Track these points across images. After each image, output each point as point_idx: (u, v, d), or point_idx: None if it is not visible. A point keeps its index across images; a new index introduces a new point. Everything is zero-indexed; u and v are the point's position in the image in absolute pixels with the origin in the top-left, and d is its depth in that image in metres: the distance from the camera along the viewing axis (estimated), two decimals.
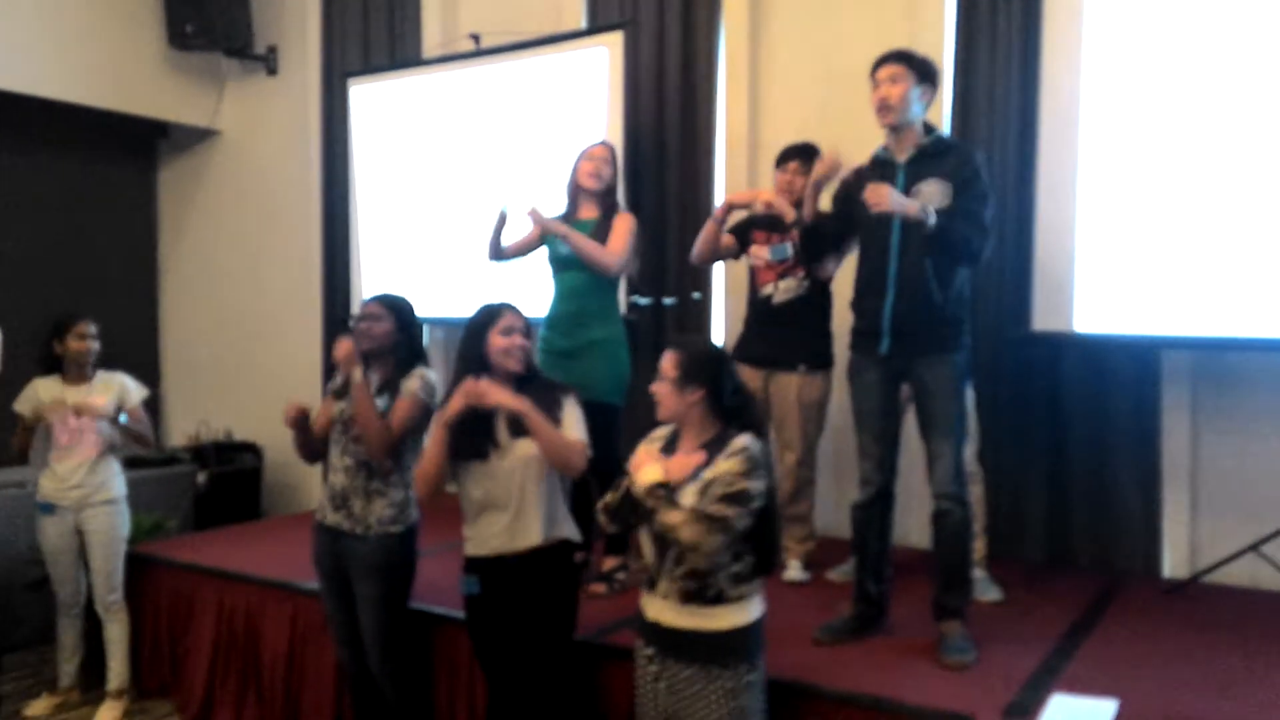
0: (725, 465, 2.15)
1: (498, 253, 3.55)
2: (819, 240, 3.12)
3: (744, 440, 2.19)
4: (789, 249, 3.41)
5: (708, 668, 2.17)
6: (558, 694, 2.57)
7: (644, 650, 2.29)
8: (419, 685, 3.05)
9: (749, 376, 3.37)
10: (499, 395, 2.46)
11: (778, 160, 3.54)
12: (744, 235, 3.54)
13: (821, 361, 3.47)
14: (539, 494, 2.52)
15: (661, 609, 2.22)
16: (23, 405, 3.61)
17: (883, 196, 2.63)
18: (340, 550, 2.87)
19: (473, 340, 2.60)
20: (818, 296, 3.47)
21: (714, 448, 2.21)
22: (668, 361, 2.26)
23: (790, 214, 3.24)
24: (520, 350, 2.56)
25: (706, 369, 2.25)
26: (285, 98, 5.72)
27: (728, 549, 2.15)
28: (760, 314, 3.51)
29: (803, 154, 3.49)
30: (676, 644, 2.20)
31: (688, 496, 2.15)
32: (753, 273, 3.55)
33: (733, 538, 2.13)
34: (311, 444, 2.97)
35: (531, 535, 2.52)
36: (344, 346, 2.84)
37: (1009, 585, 3.35)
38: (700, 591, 2.16)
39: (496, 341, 2.56)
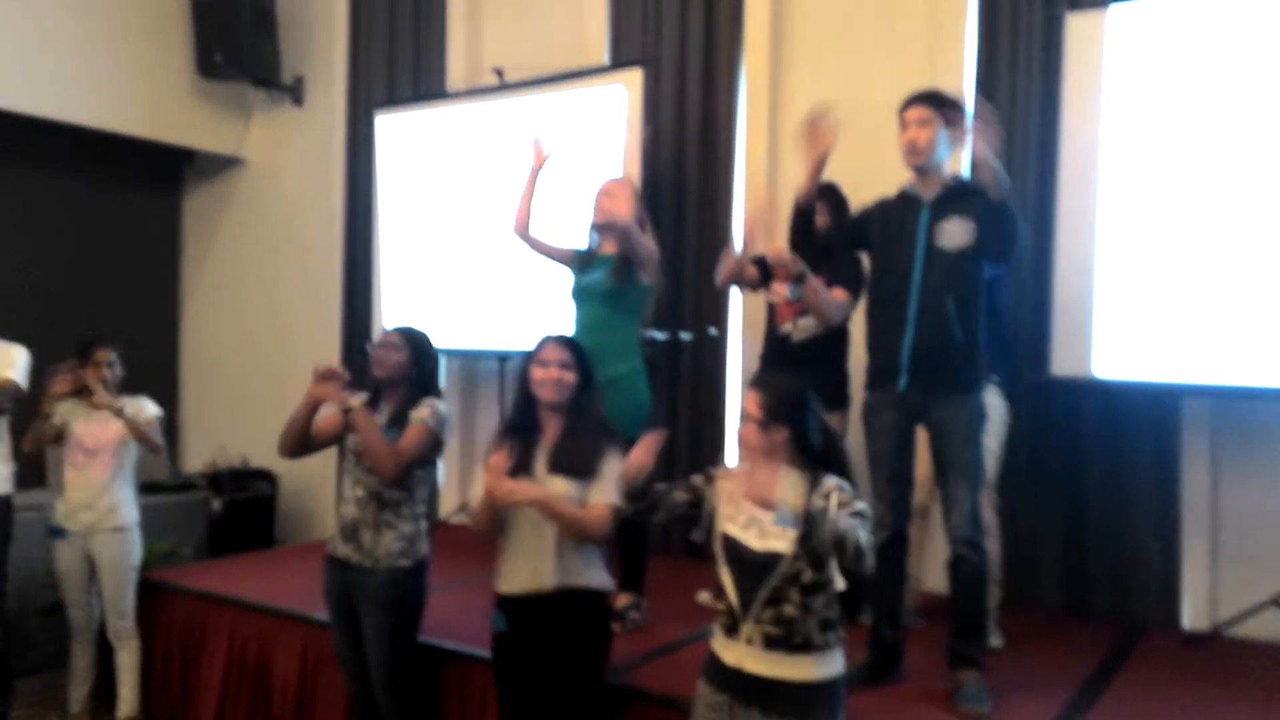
0: (823, 503, 2.05)
1: (524, 227, 3.60)
2: (806, 233, 3.04)
3: (833, 481, 2.10)
4: None
5: (784, 719, 2.06)
6: None
7: (711, 697, 2.17)
8: None
9: None
10: (510, 491, 2.40)
11: None
12: (765, 269, 3.55)
13: (838, 401, 3.45)
14: (558, 539, 2.48)
15: (743, 655, 2.11)
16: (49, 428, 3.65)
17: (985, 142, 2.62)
18: (349, 583, 2.87)
19: (522, 370, 2.61)
20: (835, 335, 3.46)
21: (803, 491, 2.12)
22: (750, 401, 2.18)
23: (795, 267, 3.23)
24: (554, 383, 2.53)
25: (792, 409, 2.17)
26: (310, 128, 5.80)
27: (823, 591, 2.09)
28: (778, 352, 3.50)
29: (823, 194, 3.50)
30: (757, 692, 2.08)
31: (775, 540, 2.09)
32: (771, 310, 3.55)
33: (871, 541, 2.02)
34: (304, 431, 2.95)
35: (546, 578, 2.49)
36: (328, 390, 2.85)
37: (1025, 632, 3.31)
38: (786, 638, 2.07)
39: (535, 372, 2.55)
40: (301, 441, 2.98)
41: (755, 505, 2.14)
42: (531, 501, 2.42)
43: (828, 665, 2.10)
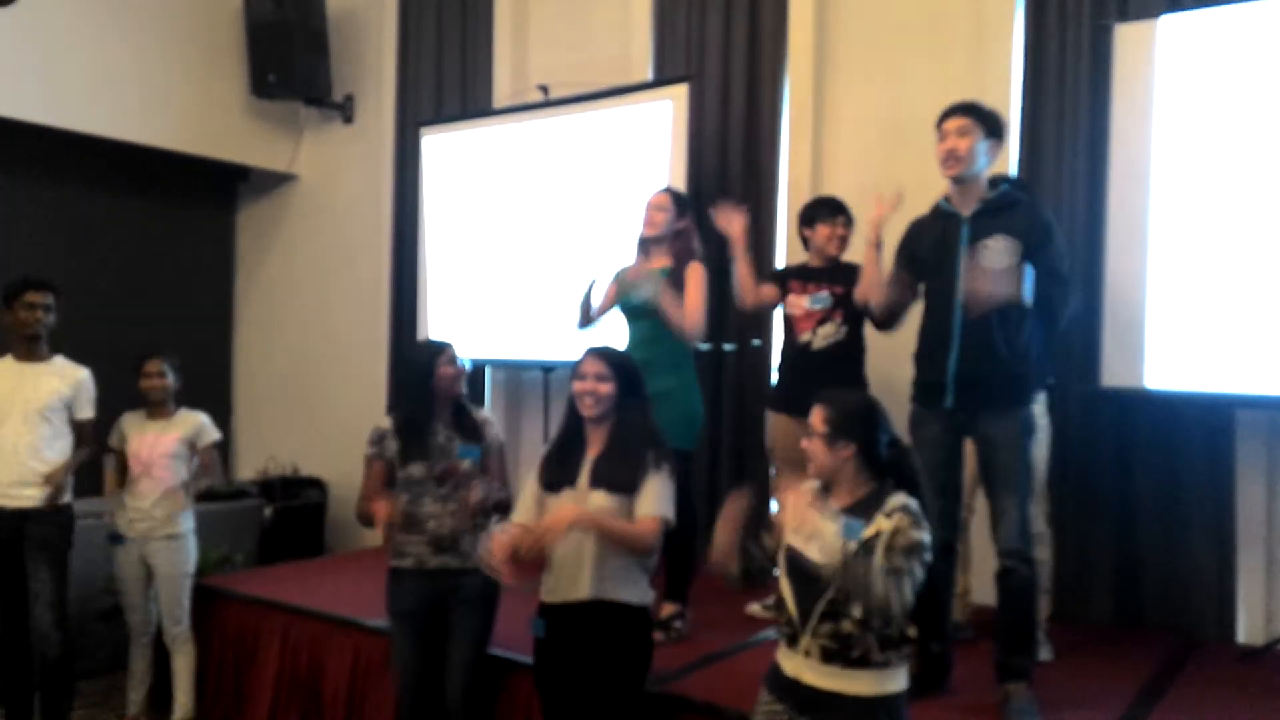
0: (886, 524, 2.04)
1: (587, 320, 3.59)
2: (887, 312, 3.05)
3: (901, 498, 2.09)
4: (826, 297, 3.43)
5: None
6: None
7: (771, 705, 2.17)
8: None
9: (789, 426, 3.37)
10: (552, 528, 2.40)
11: (814, 216, 3.54)
12: (781, 284, 3.56)
13: None
14: (597, 551, 2.48)
15: (801, 667, 2.11)
16: (114, 440, 3.78)
17: (980, 291, 2.62)
18: (444, 589, 2.91)
19: (571, 385, 2.61)
20: (854, 341, 3.47)
21: (869, 506, 2.10)
22: (816, 416, 2.16)
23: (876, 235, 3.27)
24: (591, 396, 2.53)
25: (858, 424, 2.15)
26: (360, 145, 5.92)
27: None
28: (798, 362, 3.49)
29: (837, 207, 3.54)
30: (814, 704, 2.08)
31: (836, 555, 2.06)
32: (788, 320, 3.55)
33: (915, 592, 2.01)
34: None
35: (581, 589, 2.50)
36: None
37: (1076, 645, 3.28)
38: (842, 652, 2.05)
39: (574, 387, 2.57)
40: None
41: (820, 518, 2.12)
42: (575, 523, 2.42)
43: (887, 681, 2.07)
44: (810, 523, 2.06)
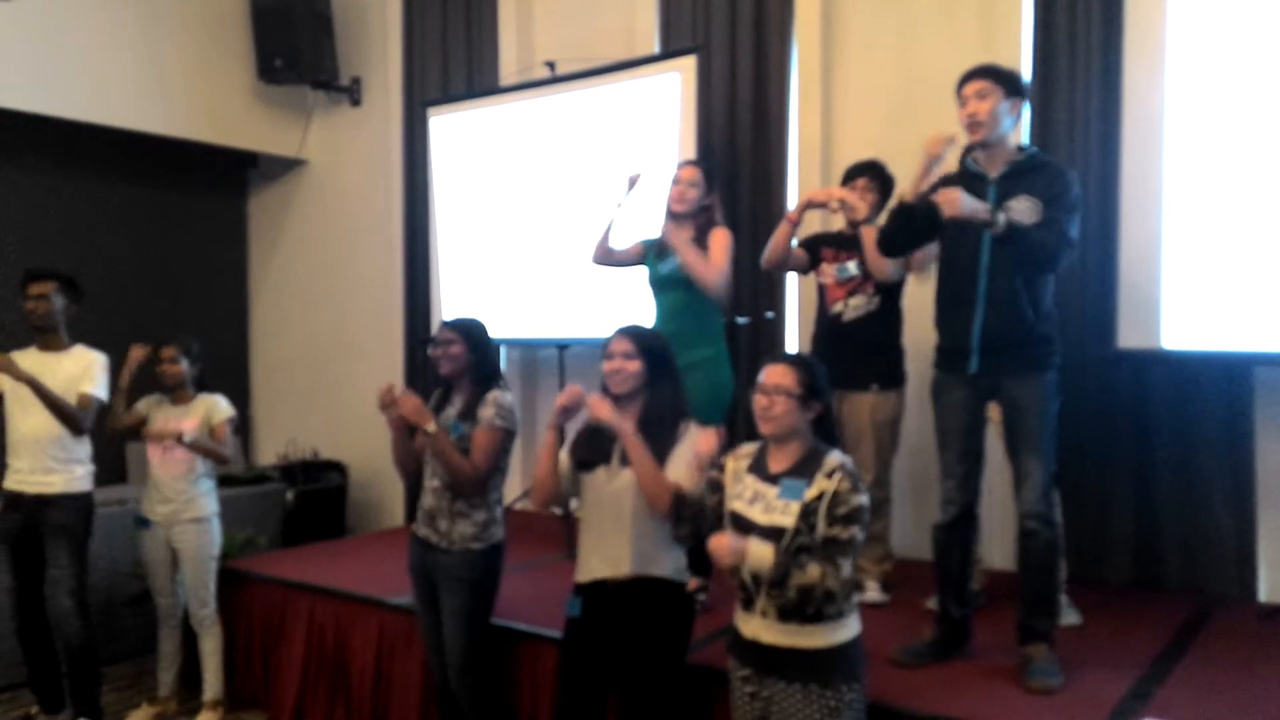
0: (828, 485, 2.12)
1: (605, 255, 3.59)
2: (907, 229, 2.89)
3: (838, 457, 2.18)
4: (853, 268, 3.41)
5: (808, 686, 2.13)
6: None
7: (739, 670, 2.25)
8: (498, 700, 3.10)
9: None
10: (602, 410, 2.46)
11: (845, 177, 3.54)
12: (814, 252, 3.55)
13: (894, 379, 3.44)
14: (634, 526, 2.49)
15: (759, 628, 2.19)
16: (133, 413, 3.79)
17: (954, 201, 2.59)
18: (429, 561, 2.99)
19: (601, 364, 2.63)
20: (888, 313, 3.45)
21: (808, 465, 2.18)
22: (788, 377, 2.21)
23: (863, 210, 3.25)
24: (619, 374, 2.54)
25: (825, 385, 2.25)
26: (368, 127, 5.92)
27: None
28: (830, 332, 3.49)
29: (870, 170, 3.50)
30: (775, 662, 2.16)
31: (780, 515, 2.14)
32: (821, 291, 3.54)
33: (847, 576, 2.11)
34: (408, 452, 3.02)
35: (622, 566, 2.52)
36: (409, 403, 2.85)
37: (1095, 608, 3.28)
38: (799, 609, 2.12)
39: (603, 366, 2.58)
40: (413, 461, 3.05)
41: (759, 480, 2.20)
42: (617, 427, 2.44)
43: (842, 630, 2.16)
44: (749, 487, 2.16)
